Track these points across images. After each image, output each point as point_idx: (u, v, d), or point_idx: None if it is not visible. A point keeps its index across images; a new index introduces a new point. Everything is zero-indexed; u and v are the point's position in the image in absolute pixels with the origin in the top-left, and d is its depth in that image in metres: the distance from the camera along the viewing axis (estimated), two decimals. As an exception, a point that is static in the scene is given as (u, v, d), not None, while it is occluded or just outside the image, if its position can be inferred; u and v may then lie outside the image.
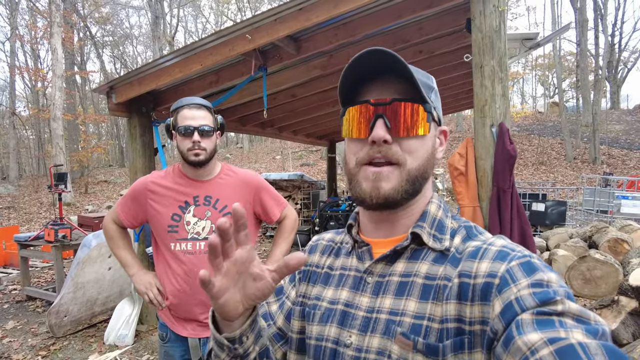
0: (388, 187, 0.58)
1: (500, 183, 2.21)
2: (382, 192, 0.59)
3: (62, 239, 4.52)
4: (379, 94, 0.61)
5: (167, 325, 1.56)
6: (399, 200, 0.60)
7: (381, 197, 0.59)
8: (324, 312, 0.67)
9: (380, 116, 0.59)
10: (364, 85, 0.63)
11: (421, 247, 0.62)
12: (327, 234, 0.80)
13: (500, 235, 0.60)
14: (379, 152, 0.59)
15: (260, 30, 2.78)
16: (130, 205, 1.57)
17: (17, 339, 3.83)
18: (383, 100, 0.59)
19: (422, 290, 0.58)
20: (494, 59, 2.23)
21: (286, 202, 1.73)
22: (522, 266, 0.50)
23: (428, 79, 0.64)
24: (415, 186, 0.61)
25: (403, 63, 0.57)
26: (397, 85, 0.61)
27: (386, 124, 0.59)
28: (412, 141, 0.60)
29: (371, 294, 0.62)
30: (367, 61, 0.59)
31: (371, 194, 0.59)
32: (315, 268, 0.74)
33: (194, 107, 1.51)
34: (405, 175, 0.59)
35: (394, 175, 0.59)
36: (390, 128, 0.59)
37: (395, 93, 0.60)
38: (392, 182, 0.59)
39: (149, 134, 3.87)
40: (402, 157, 0.59)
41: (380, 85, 0.61)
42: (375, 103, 0.60)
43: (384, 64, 0.59)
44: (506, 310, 0.46)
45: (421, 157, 0.61)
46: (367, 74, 0.62)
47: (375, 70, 0.61)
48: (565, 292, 0.46)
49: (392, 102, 0.59)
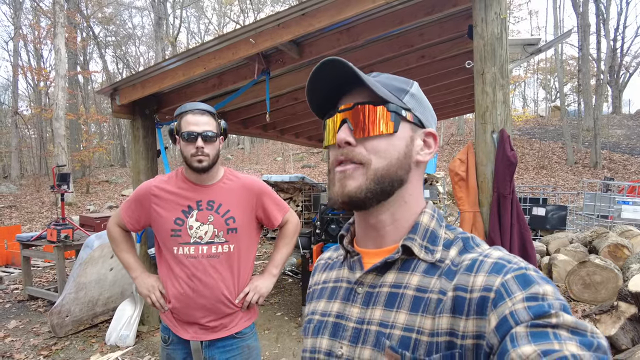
0: (353, 186, 0.60)
1: (500, 189, 2.22)
2: (346, 190, 0.60)
3: (64, 239, 4.55)
4: (346, 102, 0.64)
5: (169, 328, 1.58)
6: (363, 198, 0.60)
7: (345, 195, 0.60)
8: (316, 324, 0.68)
9: (345, 121, 0.62)
10: (340, 98, 0.67)
11: (412, 257, 0.62)
12: (326, 253, 0.82)
13: (498, 247, 0.59)
14: (342, 155, 0.61)
15: (264, 34, 2.80)
16: (134, 209, 1.59)
17: (19, 338, 3.85)
18: (347, 107, 0.63)
19: (413, 302, 0.57)
20: (496, 66, 2.24)
21: (288, 207, 1.74)
22: (518, 279, 0.49)
23: (402, 83, 0.65)
24: (384, 186, 0.61)
25: (353, 70, 0.59)
26: (364, 93, 0.63)
27: (349, 127, 0.62)
28: (375, 141, 0.61)
29: (361, 304, 0.62)
30: (327, 74, 0.62)
31: (338, 192, 0.61)
32: (315, 286, 0.76)
33: (197, 112, 1.52)
34: (372, 174, 0.60)
35: (358, 173, 0.60)
36: (352, 130, 0.62)
37: (359, 99, 0.63)
38: (357, 181, 0.60)
39: (151, 136, 3.90)
40: (366, 157, 0.61)
41: (350, 96, 0.65)
42: (341, 110, 0.63)
43: (348, 76, 0.61)
44: (501, 324, 0.46)
45: (389, 157, 0.61)
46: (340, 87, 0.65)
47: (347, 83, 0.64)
48: (561, 304, 0.46)
49: (354, 107, 0.62)
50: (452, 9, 2.64)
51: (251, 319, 1.65)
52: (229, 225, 1.54)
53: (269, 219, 1.66)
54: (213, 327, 1.54)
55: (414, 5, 2.72)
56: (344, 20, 2.58)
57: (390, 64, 3.83)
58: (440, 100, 5.75)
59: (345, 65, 0.59)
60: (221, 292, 1.51)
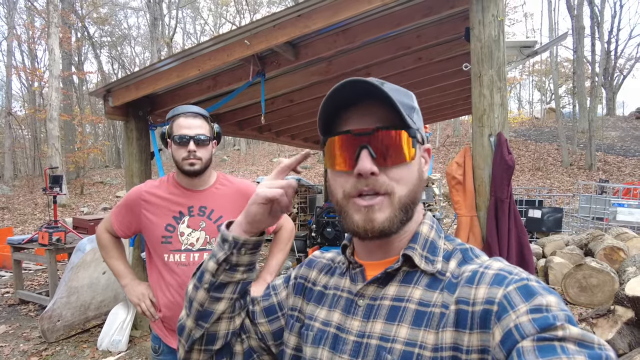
0: (382, 219, 0.57)
1: (498, 193, 2.20)
2: (376, 225, 0.57)
3: (56, 242, 4.48)
4: (361, 123, 0.58)
5: (159, 337, 1.54)
6: (394, 230, 0.58)
7: (376, 230, 0.57)
8: (316, 333, 0.66)
9: (365, 147, 0.57)
10: (344, 112, 0.61)
11: (413, 269, 0.61)
12: (328, 253, 0.79)
13: (497, 257, 0.58)
14: (367, 185, 0.57)
15: (259, 36, 2.77)
16: (124, 214, 1.55)
17: (8, 343, 3.78)
18: (365, 130, 0.57)
19: (415, 316, 0.56)
20: (493, 69, 2.22)
21: (282, 212, 1.71)
22: (520, 290, 0.49)
23: (409, 98, 0.62)
24: (409, 213, 0.59)
25: (384, 91, 0.55)
26: (377, 109, 0.58)
27: (371, 154, 0.56)
28: (399, 169, 0.58)
29: (362, 317, 0.61)
30: (348, 91, 0.57)
31: (365, 227, 0.57)
32: (312, 285, 0.74)
33: (190, 115, 1.49)
34: (397, 203, 0.57)
35: (385, 205, 0.57)
36: (375, 158, 0.57)
37: (377, 121, 0.58)
38: (385, 213, 0.57)
39: (145, 138, 3.84)
40: (390, 186, 0.57)
41: (361, 113, 0.59)
42: (358, 133, 0.57)
43: (364, 90, 0.57)
44: (506, 339, 0.45)
45: (410, 183, 0.59)
46: (347, 100, 0.60)
47: (355, 96, 0.59)
48: (566, 316, 0.45)
49: (374, 132, 0.57)
50: (450, 11, 2.62)
51: (244, 327, 1.61)
52: None
53: None
54: (205, 336, 1.50)
55: (411, 7, 2.70)
56: (340, 21, 2.55)
57: (387, 65, 3.80)
58: (437, 102, 5.75)
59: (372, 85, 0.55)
60: None
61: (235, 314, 0.71)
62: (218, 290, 0.67)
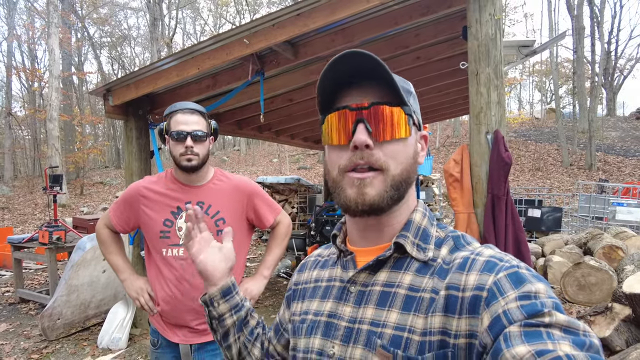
0: (373, 193, 0.58)
1: (495, 190, 2.21)
2: (367, 198, 0.58)
3: (56, 241, 4.49)
4: (358, 99, 0.60)
5: (158, 331, 1.55)
6: (384, 206, 0.59)
7: (367, 204, 0.58)
8: (309, 324, 0.67)
9: (361, 121, 0.58)
10: (342, 91, 0.62)
11: (404, 255, 0.61)
12: (315, 251, 0.82)
13: (489, 245, 0.59)
14: (362, 158, 0.58)
15: (258, 35, 2.78)
16: (122, 210, 1.56)
17: (9, 341, 3.80)
18: (362, 105, 0.59)
19: (405, 301, 0.57)
20: (490, 67, 2.24)
21: (280, 208, 1.72)
22: (510, 277, 0.49)
23: (406, 84, 0.64)
24: (400, 191, 0.60)
25: (383, 66, 0.57)
26: (375, 89, 0.60)
27: (367, 128, 0.58)
28: (394, 145, 0.59)
29: (354, 303, 0.62)
30: (346, 65, 0.58)
31: (356, 200, 0.58)
32: (305, 285, 0.75)
33: (187, 112, 1.50)
34: (390, 180, 0.58)
35: (378, 180, 0.58)
36: (371, 132, 0.58)
37: (374, 97, 0.60)
38: (376, 188, 0.58)
39: (145, 137, 3.86)
40: (385, 162, 0.58)
41: (358, 91, 0.61)
42: (356, 108, 0.59)
43: (363, 69, 0.59)
44: (494, 324, 0.46)
45: (404, 161, 0.60)
46: (344, 79, 0.61)
47: (353, 75, 0.60)
48: (554, 303, 0.46)
49: (371, 106, 0.58)
50: (447, 10, 2.63)
51: (242, 322, 1.62)
52: (219, 226, 1.51)
53: (260, 220, 1.63)
54: (203, 330, 1.51)
55: (409, 6, 2.71)
56: (339, 20, 2.56)
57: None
58: (436, 102, 5.75)
59: (370, 58, 0.56)
60: None
61: (249, 348, 0.83)
62: (225, 339, 0.82)
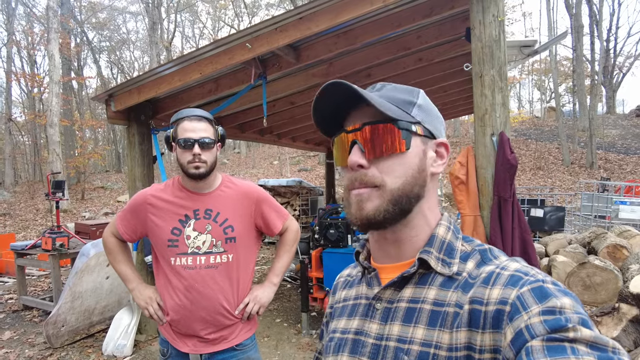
0: (369, 208, 0.59)
1: (501, 192, 2.20)
2: (364, 213, 0.59)
3: (59, 247, 4.48)
4: (354, 122, 0.63)
5: (167, 341, 1.54)
6: (382, 220, 0.59)
7: (363, 218, 0.60)
8: (336, 342, 0.67)
9: (355, 142, 0.61)
10: (347, 113, 0.66)
11: (429, 271, 0.61)
12: (345, 270, 0.82)
13: (516, 258, 0.58)
14: (356, 180, 0.60)
15: (260, 39, 2.77)
16: (129, 219, 1.55)
17: (13, 349, 3.78)
18: (355, 127, 0.62)
19: (430, 316, 0.57)
20: (494, 69, 2.23)
21: (288, 214, 1.71)
22: (534, 292, 0.49)
23: (408, 95, 0.64)
24: (401, 206, 0.60)
25: (355, 90, 0.59)
26: (372, 109, 0.61)
27: (360, 149, 0.61)
28: (389, 161, 0.60)
29: (380, 320, 0.62)
30: (331, 95, 0.62)
31: (356, 215, 0.60)
32: (336, 305, 0.76)
33: (194, 119, 1.49)
34: (388, 195, 0.59)
35: (374, 196, 0.59)
36: (364, 152, 0.60)
37: (367, 117, 0.62)
38: (373, 203, 0.59)
39: (147, 142, 3.85)
40: (380, 178, 0.59)
41: (356, 112, 0.64)
42: (350, 130, 0.62)
43: (350, 94, 0.61)
44: (516, 338, 0.46)
45: (403, 175, 0.60)
46: (345, 105, 0.64)
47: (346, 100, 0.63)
48: (580, 318, 0.44)
49: (363, 127, 0.61)
50: (450, 12, 2.63)
51: (251, 330, 1.61)
52: (228, 234, 1.50)
53: (268, 226, 1.62)
54: (213, 340, 1.50)
55: (411, 8, 2.71)
56: (342, 23, 2.56)
57: (388, 66, 3.81)
58: (438, 102, 5.76)
59: (346, 86, 0.59)
60: (220, 303, 1.48)
61: None
62: None
